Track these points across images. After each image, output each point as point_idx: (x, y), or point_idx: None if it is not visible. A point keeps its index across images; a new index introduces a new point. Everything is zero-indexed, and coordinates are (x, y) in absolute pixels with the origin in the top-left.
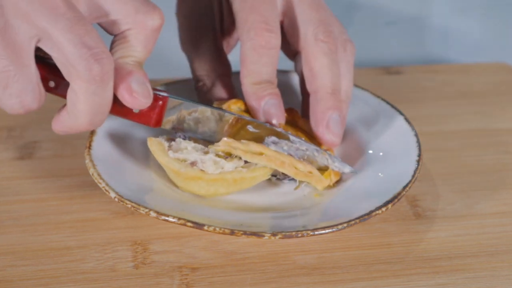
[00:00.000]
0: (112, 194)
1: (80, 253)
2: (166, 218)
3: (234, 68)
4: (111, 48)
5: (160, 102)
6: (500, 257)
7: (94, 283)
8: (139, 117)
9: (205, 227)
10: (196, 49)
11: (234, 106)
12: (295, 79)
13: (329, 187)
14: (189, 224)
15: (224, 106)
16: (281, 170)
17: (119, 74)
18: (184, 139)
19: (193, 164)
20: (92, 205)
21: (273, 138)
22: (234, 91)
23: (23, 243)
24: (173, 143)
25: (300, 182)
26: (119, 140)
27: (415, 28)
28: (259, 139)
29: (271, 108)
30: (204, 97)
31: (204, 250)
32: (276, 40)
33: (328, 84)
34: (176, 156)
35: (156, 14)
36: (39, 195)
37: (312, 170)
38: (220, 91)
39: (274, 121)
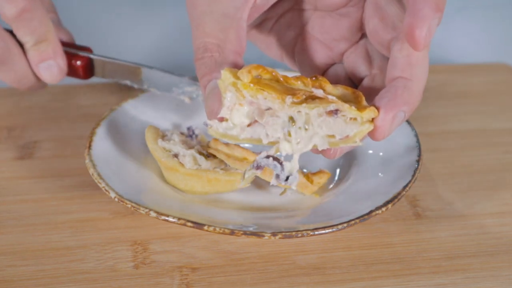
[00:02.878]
0: (112, 194)
1: (80, 253)
2: (166, 218)
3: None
4: None
5: (79, 62)
6: (500, 257)
7: (94, 283)
8: (70, 74)
9: (205, 227)
10: (211, 11)
11: (255, 71)
12: None
13: (316, 194)
14: (189, 224)
15: (243, 71)
16: (262, 177)
17: (32, 60)
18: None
19: (175, 155)
20: (92, 205)
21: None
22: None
23: (23, 243)
24: (167, 133)
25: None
26: (119, 140)
27: None
28: (288, 91)
29: None
30: (204, 71)
31: (204, 250)
32: None
33: None
34: (163, 145)
35: (13, 2)
36: (39, 195)
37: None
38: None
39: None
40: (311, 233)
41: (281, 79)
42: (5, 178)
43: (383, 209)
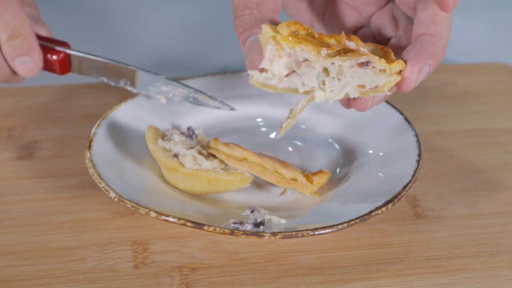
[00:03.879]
0: (112, 194)
1: (80, 253)
2: (166, 218)
3: None
4: None
5: (55, 57)
6: (500, 257)
7: (94, 283)
8: (46, 68)
9: (205, 227)
10: None
11: (293, 27)
12: None
13: (316, 194)
14: (189, 224)
15: (282, 25)
16: (262, 177)
17: (7, 55)
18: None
19: (175, 155)
20: (92, 205)
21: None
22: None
23: (23, 243)
24: (167, 133)
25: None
26: (119, 140)
27: None
28: (323, 45)
29: None
30: (244, 27)
31: (204, 250)
32: None
33: None
34: (163, 145)
35: None
36: (39, 195)
37: (297, 176)
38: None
39: None
40: (311, 233)
41: (316, 35)
42: (5, 178)
43: (383, 209)
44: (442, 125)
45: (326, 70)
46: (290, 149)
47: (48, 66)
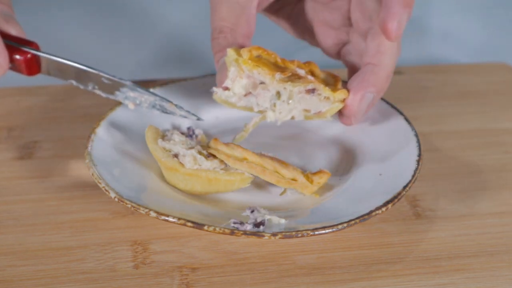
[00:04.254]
0: (112, 194)
1: (80, 253)
2: (166, 218)
3: None
4: None
5: (20, 57)
6: (500, 257)
7: (94, 283)
8: (15, 69)
9: (205, 227)
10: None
11: (255, 52)
12: None
13: (316, 194)
14: (189, 224)
15: (245, 50)
16: (262, 177)
17: None
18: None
19: (175, 155)
20: (92, 205)
21: None
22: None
23: (23, 243)
24: (167, 133)
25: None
26: (119, 140)
27: (415, 28)
28: (279, 69)
29: None
30: (218, 49)
31: (204, 250)
32: None
33: None
34: (163, 145)
35: None
36: (39, 195)
37: (297, 176)
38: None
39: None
40: (311, 233)
41: (279, 60)
42: (5, 178)
43: (383, 209)
44: (442, 125)
45: (278, 93)
46: (290, 149)
47: (16, 66)
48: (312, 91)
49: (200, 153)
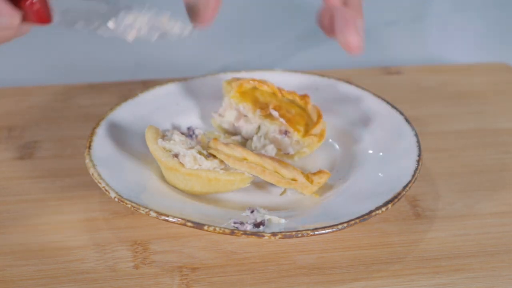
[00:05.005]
0: (112, 194)
1: (80, 253)
2: (166, 218)
3: None
4: None
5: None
6: (500, 257)
7: (94, 283)
8: (28, 19)
9: (205, 227)
10: None
11: (248, 84)
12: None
13: (316, 194)
14: (189, 224)
15: (234, 84)
16: (261, 177)
17: None
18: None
19: (175, 155)
20: (92, 205)
21: None
22: None
23: (23, 243)
24: (167, 133)
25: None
26: (119, 140)
27: (415, 28)
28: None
29: None
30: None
31: (204, 250)
32: None
33: None
34: (163, 145)
35: None
36: (39, 195)
37: (297, 176)
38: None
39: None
40: (311, 233)
41: (280, 94)
42: (5, 178)
43: (383, 209)
44: (442, 125)
45: (259, 127)
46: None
47: (28, 16)
48: (285, 132)
49: (200, 153)
